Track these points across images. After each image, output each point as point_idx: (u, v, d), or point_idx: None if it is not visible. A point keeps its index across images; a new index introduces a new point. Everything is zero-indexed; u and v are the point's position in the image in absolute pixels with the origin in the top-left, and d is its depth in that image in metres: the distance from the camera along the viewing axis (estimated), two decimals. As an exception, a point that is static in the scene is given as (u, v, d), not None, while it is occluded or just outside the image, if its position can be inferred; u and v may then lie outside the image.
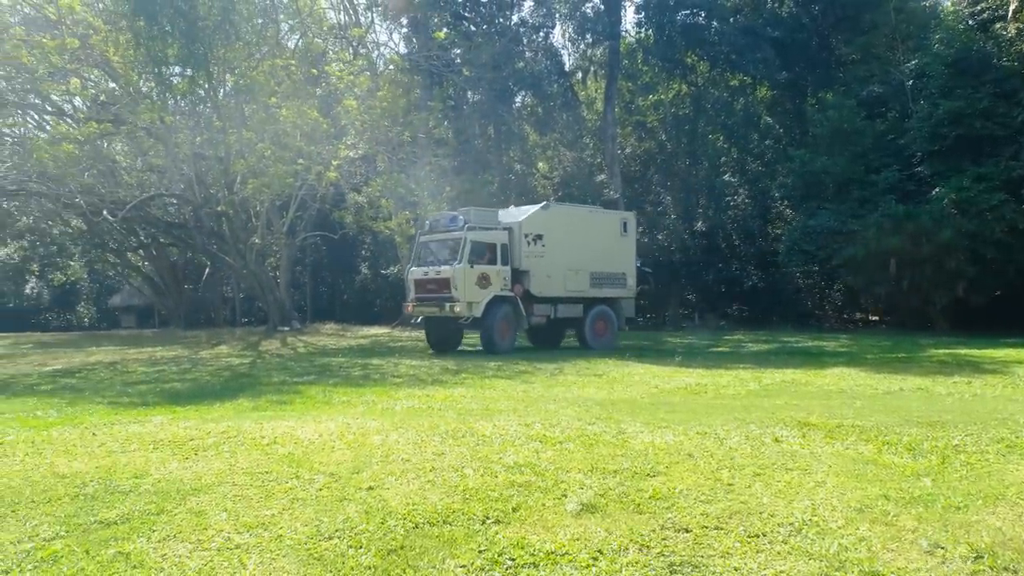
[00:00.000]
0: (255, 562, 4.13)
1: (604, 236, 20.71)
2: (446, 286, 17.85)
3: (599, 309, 20.47)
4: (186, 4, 19.54)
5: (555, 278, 19.40)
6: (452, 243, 18.18)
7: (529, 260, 18.91)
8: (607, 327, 20.75)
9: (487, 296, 18.00)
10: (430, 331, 19.68)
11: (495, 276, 18.22)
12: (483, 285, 17.95)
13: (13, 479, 5.57)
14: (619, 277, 20.89)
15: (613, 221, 21.44)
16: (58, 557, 4.14)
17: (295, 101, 21.84)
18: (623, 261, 21.07)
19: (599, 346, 20.14)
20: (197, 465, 6.04)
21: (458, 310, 17.68)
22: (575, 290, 19.87)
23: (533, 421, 7.97)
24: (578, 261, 19.82)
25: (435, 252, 18.75)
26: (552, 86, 33.26)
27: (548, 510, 4.97)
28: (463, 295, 17.66)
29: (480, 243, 18.04)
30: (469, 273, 17.78)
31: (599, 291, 20.37)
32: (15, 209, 33.17)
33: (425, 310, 18.62)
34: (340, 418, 8.33)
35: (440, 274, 18.10)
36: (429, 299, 18.32)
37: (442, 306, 17.90)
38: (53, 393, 12.61)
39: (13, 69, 21.33)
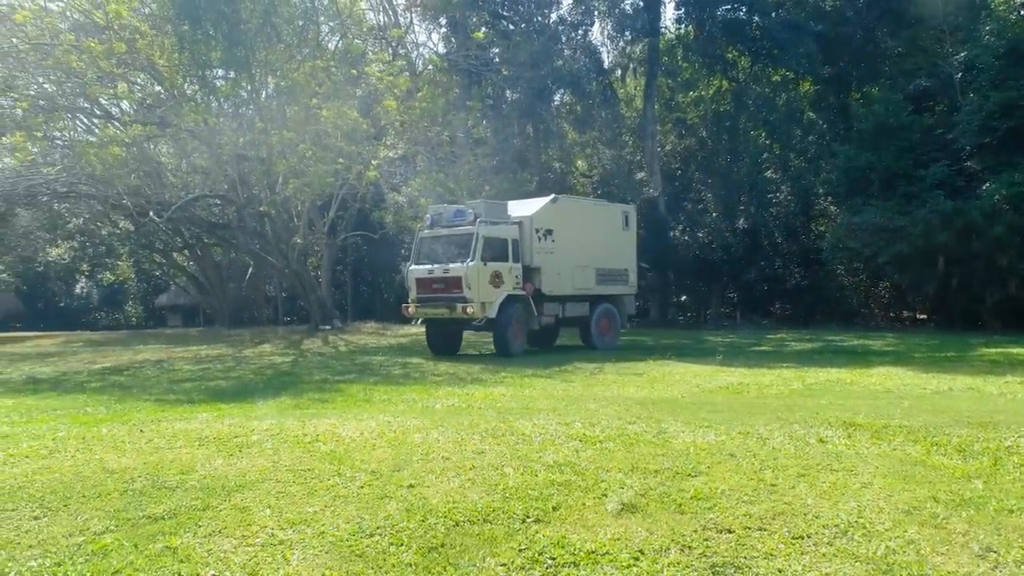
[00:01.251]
0: (298, 558, 4.17)
1: (607, 230, 20.00)
2: (457, 285, 16.64)
3: (604, 307, 19.76)
4: (229, 8, 19.84)
5: (564, 275, 18.52)
6: (460, 239, 16.99)
7: (540, 256, 17.95)
8: (611, 326, 20.09)
9: (500, 296, 16.89)
10: (431, 334, 18.66)
11: (507, 274, 17.14)
12: (496, 284, 16.87)
13: (65, 474, 5.71)
14: (622, 273, 20.22)
15: (615, 214, 20.65)
16: (108, 551, 4.23)
17: (335, 102, 22.05)
18: (625, 256, 20.43)
19: (604, 346, 19.50)
20: (241, 462, 6.13)
21: (471, 311, 16.44)
22: (582, 287, 19.08)
23: (573, 420, 7.95)
24: (585, 257, 19.00)
25: (440, 249, 17.49)
26: (591, 84, 33.11)
27: (588, 509, 4.95)
28: (476, 295, 16.50)
29: (492, 239, 16.97)
30: (482, 271, 16.63)
31: (604, 288, 19.61)
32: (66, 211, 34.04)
33: (430, 312, 17.41)
34: (381, 416, 8.40)
35: (449, 272, 16.87)
36: (436, 300, 17.12)
37: (453, 307, 16.67)
38: (102, 390, 12.90)
39: (63, 74, 21.87)
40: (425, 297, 17.37)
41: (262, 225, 28.04)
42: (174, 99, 23.38)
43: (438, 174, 23.91)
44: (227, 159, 24.93)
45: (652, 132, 33.11)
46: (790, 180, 34.31)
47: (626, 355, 17.83)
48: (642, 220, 33.02)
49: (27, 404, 10.90)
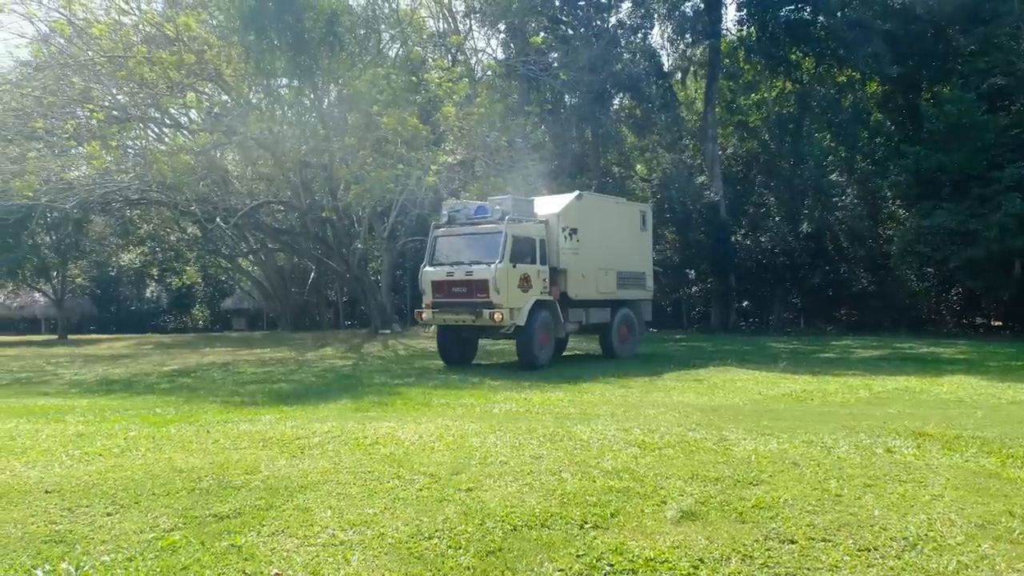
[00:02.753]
0: (359, 559, 4.22)
1: (627, 230, 18.69)
2: (482, 290, 15.13)
3: (623, 313, 18.41)
4: (293, 18, 20.28)
5: (588, 278, 17.12)
6: (484, 238, 15.53)
7: (566, 257, 16.52)
8: (630, 333, 18.78)
9: (529, 301, 15.40)
10: (445, 342, 17.03)
11: (535, 277, 15.67)
12: (525, 288, 15.38)
13: (136, 472, 5.89)
14: (640, 277, 18.94)
15: (634, 214, 19.31)
16: (176, 547, 4.34)
17: (396, 109, 22.34)
18: (643, 259, 19.23)
19: (624, 354, 18.33)
20: (303, 463, 6.23)
21: (498, 318, 14.92)
22: (605, 291, 17.69)
23: (632, 426, 7.89)
24: (608, 258, 17.70)
25: (460, 248, 15.97)
26: (651, 87, 32.82)
27: (647, 516, 4.90)
28: (505, 300, 14.98)
29: (520, 238, 15.50)
30: (512, 274, 15.12)
31: (624, 292, 18.27)
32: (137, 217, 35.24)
33: (451, 318, 15.81)
34: (439, 420, 8.45)
35: (473, 275, 15.32)
36: (457, 305, 15.55)
37: (478, 313, 15.14)
38: (171, 392, 13.29)
39: (136, 85, 22.64)
40: (444, 302, 15.82)
41: (324, 231, 28.55)
42: (240, 108, 23.98)
43: (496, 179, 24.01)
44: (290, 166, 25.48)
45: (713, 135, 32.68)
46: (856, 183, 33.46)
47: (686, 361, 17.61)
48: (703, 225, 32.74)
49: (100, 404, 11.29)
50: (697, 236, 33.28)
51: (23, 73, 25.33)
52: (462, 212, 16.34)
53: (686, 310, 36.71)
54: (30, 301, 44.94)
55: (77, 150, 23.34)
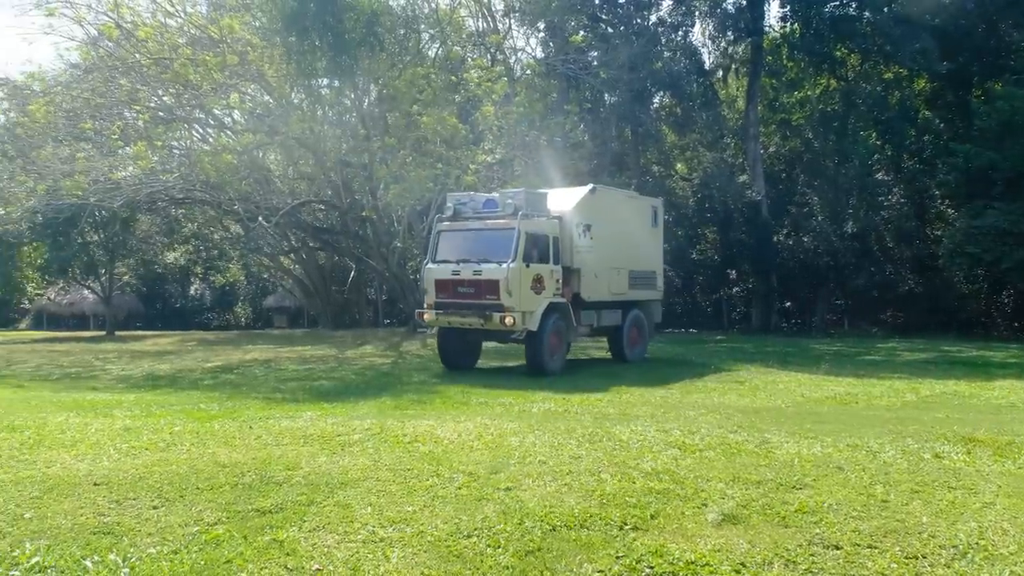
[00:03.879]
0: (398, 556, 4.24)
1: (639, 227, 17.57)
2: (492, 291, 13.99)
3: (634, 314, 17.28)
4: (334, 19, 20.45)
5: (601, 278, 16.01)
6: (494, 234, 14.39)
7: (580, 256, 15.38)
8: (640, 335, 17.68)
9: (542, 303, 14.29)
10: (446, 344, 15.87)
11: (549, 278, 14.57)
12: (537, 290, 14.28)
13: (180, 467, 5.99)
14: (651, 276, 17.83)
15: (645, 209, 18.16)
16: (220, 541, 4.41)
17: (435, 108, 22.43)
18: (654, 257, 18.13)
19: (635, 358, 17.26)
20: (344, 460, 6.29)
21: (510, 322, 13.78)
22: (617, 292, 16.60)
23: (671, 427, 7.83)
24: (620, 257, 16.60)
25: (467, 245, 14.82)
26: (691, 85, 32.52)
27: (687, 519, 4.86)
28: (517, 302, 13.87)
29: (534, 236, 14.36)
30: (525, 275, 14.02)
31: (635, 293, 17.21)
32: (182, 216, 35.88)
33: (456, 321, 14.67)
34: (478, 418, 8.47)
35: (482, 275, 14.21)
36: (463, 307, 14.43)
37: (488, 317, 13.97)
38: (214, 388, 13.51)
39: (181, 87, 23.03)
40: (448, 303, 14.67)
41: (364, 230, 28.78)
42: (282, 108, 24.27)
43: (536, 178, 24.00)
44: (331, 165, 25.73)
45: (755, 134, 32.27)
46: (903, 182, 32.79)
47: (726, 362, 17.41)
48: (744, 224, 32.36)
49: (147, 400, 11.51)
50: (738, 236, 32.90)
51: (73, 75, 25.91)
52: (469, 205, 15.13)
53: (726, 310, 36.31)
54: (79, 298, 45.98)
55: (124, 150, 23.80)
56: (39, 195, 22.28)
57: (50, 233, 31.84)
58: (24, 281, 41.10)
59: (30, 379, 15.72)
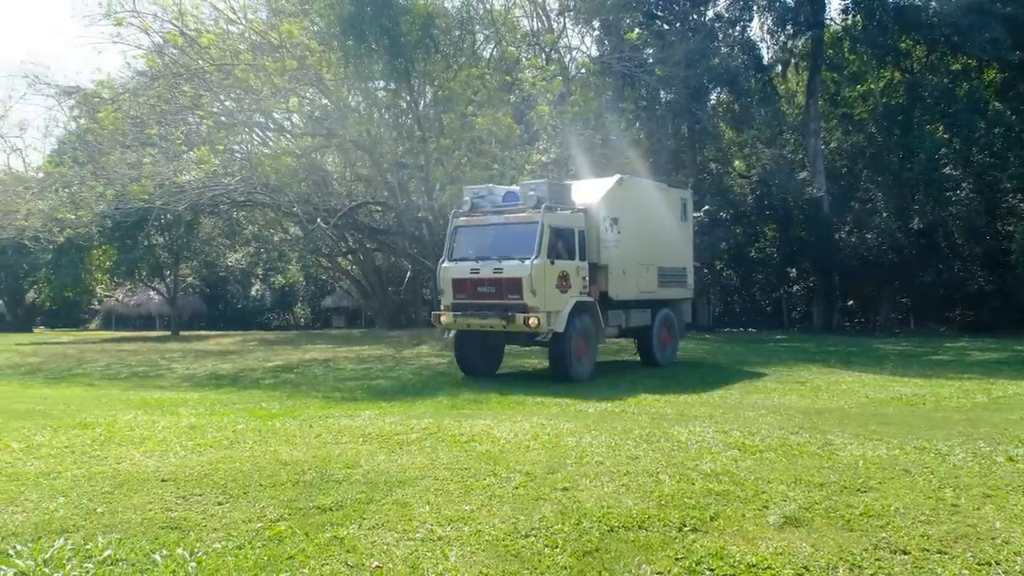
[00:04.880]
0: (456, 555, 4.26)
1: (668, 220, 16.51)
2: (515, 290, 12.92)
3: (664, 314, 16.18)
4: (390, 22, 20.68)
5: (630, 275, 14.92)
6: (515, 229, 13.33)
7: (607, 251, 14.33)
8: (670, 337, 16.59)
9: (568, 303, 13.22)
10: (464, 348, 14.73)
11: (575, 275, 13.51)
12: (563, 288, 13.22)
13: (244, 464, 6.12)
14: (681, 273, 16.78)
15: (674, 201, 17.01)
16: (282, 537, 4.49)
17: (490, 109, 22.51)
18: (683, 252, 17.07)
19: (666, 361, 16.24)
20: (402, 459, 6.35)
21: (534, 323, 12.71)
22: (646, 290, 15.50)
23: (731, 428, 7.72)
24: (649, 252, 15.53)
25: (486, 241, 13.78)
26: (749, 81, 31.98)
27: (748, 521, 4.78)
28: (542, 302, 12.80)
29: (559, 230, 13.35)
30: (550, 272, 12.98)
31: (665, 292, 16.12)
32: (243, 218, 36.69)
33: (475, 323, 13.53)
34: (534, 418, 8.47)
35: (503, 273, 13.11)
36: (483, 308, 13.34)
37: (510, 318, 12.89)
38: (275, 387, 13.78)
39: (242, 92, 23.56)
40: (467, 304, 13.59)
41: (420, 230, 29.02)
42: (339, 111, 24.63)
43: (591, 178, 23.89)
44: (388, 167, 26.01)
45: (815, 129, 31.59)
46: (972, 176, 31.70)
47: (787, 362, 17.08)
48: (805, 221, 31.70)
49: (210, 398, 11.81)
50: (798, 233, 32.24)
51: (139, 83, 26.70)
52: (488, 198, 14.15)
53: (786, 309, 35.63)
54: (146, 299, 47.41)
55: (188, 155, 24.44)
56: (108, 199, 23.04)
57: (118, 236, 32.89)
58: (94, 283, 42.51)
59: (100, 378, 16.27)
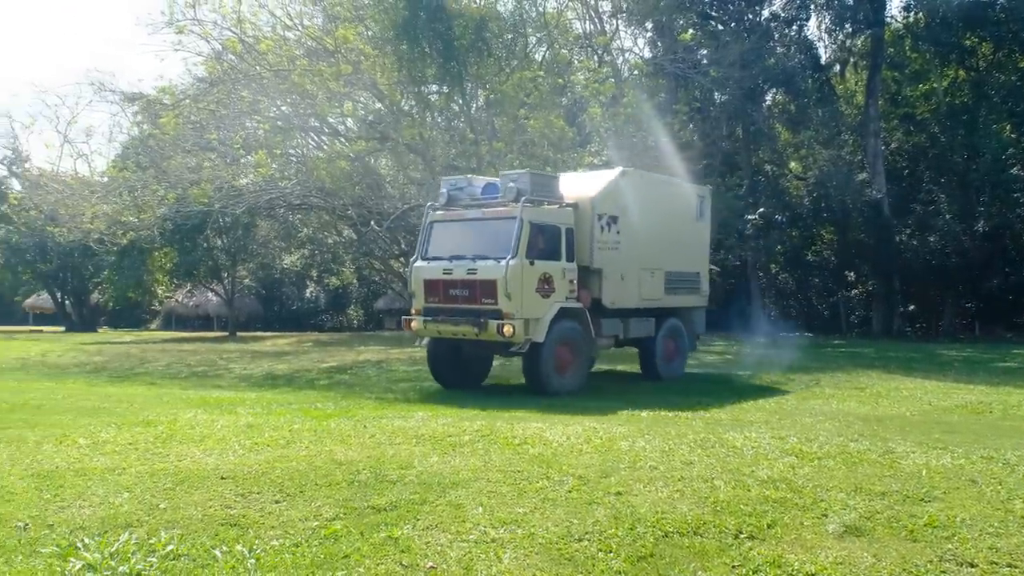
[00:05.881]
0: (510, 557, 4.26)
1: (679, 219, 14.86)
2: (489, 294, 11.54)
3: (671, 324, 14.63)
4: (443, 26, 20.83)
5: (629, 280, 13.39)
6: (493, 225, 12.00)
7: (602, 253, 12.75)
8: (677, 349, 15.01)
9: (551, 309, 11.77)
10: (440, 358, 13.26)
11: (560, 278, 12.00)
12: (545, 292, 11.77)
13: (300, 463, 6.21)
14: (693, 279, 15.18)
15: (688, 198, 15.40)
16: (338, 536, 4.54)
17: (542, 111, 22.49)
18: (698, 256, 15.44)
19: (670, 374, 14.64)
20: (455, 460, 6.37)
21: (508, 332, 11.31)
22: (650, 298, 13.94)
23: (788, 434, 7.58)
24: (654, 256, 13.95)
25: (463, 238, 12.37)
26: (806, 81, 31.43)
27: (806, 529, 4.69)
28: (518, 308, 11.38)
29: (540, 226, 11.86)
30: (528, 273, 11.52)
31: (672, 299, 14.52)
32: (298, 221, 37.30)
33: (446, 330, 12.16)
34: (587, 422, 8.43)
35: (477, 274, 11.76)
36: (455, 313, 11.99)
37: (482, 325, 11.52)
38: (329, 387, 13.98)
39: (298, 97, 23.96)
40: (438, 308, 12.25)
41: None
42: (393, 115, 24.88)
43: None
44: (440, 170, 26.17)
45: (875, 130, 30.87)
46: (1042, 177, 30.66)
47: (845, 367, 16.71)
48: (863, 224, 31.00)
49: (267, 398, 12.03)
50: (857, 236, 31.55)
51: (199, 89, 27.33)
52: (466, 190, 12.84)
53: (844, 314, 34.88)
54: (204, 300, 48.50)
55: (246, 159, 24.93)
56: (169, 203, 23.65)
57: (179, 239, 33.73)
58: (155, 284, 43.64)
59: (161, 377, 16.70)
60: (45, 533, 4.52)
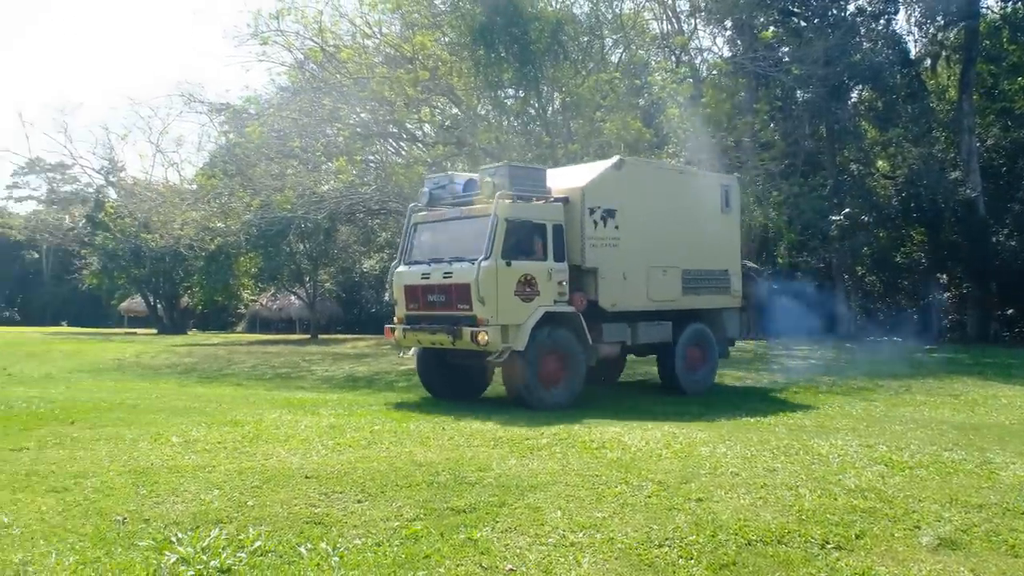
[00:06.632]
0: (589, 561, 4.23)
1: (699, 212, 13.38)
2: (465, 298, 10.67)
3: (694, 329, 13.17)
4: (520, 31, 20.91)
5: (634, 280, 12.15)
6: (470, 224, 11.16)
7: (596, 251, 11.63)
8: (704, 357, 13.50)
9: (534, 314, 10.76)
10: (428, 367, 12.41)
11: (544, 280, 10.98)
12: (527, 295, 10.79)
13: (381, 464, 6.32)
14: (720, 277, 13.65)
15: (711, 189, 13.85)
16: (418, 537, 4.59)
17: (619, 113, 22.34)
18: (724, 251, 13.85)
19: (693, 387, 13.10)
20: (533, 463, 6.38)
21: (484, 339, 10.33)
22: (662, 299, 12.64)
23: (876, 442, 7.33)
24: (666, 252, 12.67)
25: (443, 240, 11.64)
26: (895, 77, 30.33)
27: (898, 541, 4.52)
28: (494, 313, 10.48)
29: (520, 223, 10.92)
30: (505, 275, 10.59)
31: (693, 300, 13.14)
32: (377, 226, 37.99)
33: (426, 338, 11.33)
34: (665, 427, 8.33)
35: (452, 278, 10.97)
36: (434, 320, 11.20)
37: (457, 333, 10.61)
38: (408, 389, 14.18)
39: (377, 103, 24.41)
40: (419, 315, 11.54)
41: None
42: (469, 119, 25.09)
43: (723, 181, 23.31)
44: (517, 174, 26.25)
45: (969, 126, 29.55)
46: None
47: (937, 373, 16.03)
48: (957, 224, 29.71)
49: (348, 399, 12.28)
50: (950, 236, 30.26)
51: (282, 98, 28.12)
52: (448, 188, 11.95)
53: (936, 318, 33.50)
54: (287, 303, 49.80)
55: (327, 166, 25.51)
56: (254, 209, 24.38)
57: (263, 244, 34.74)
58: (240, 288, 45.06)
59: (247, 378, 17.23)
60: (142, 527, 4.71)
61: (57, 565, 4.11)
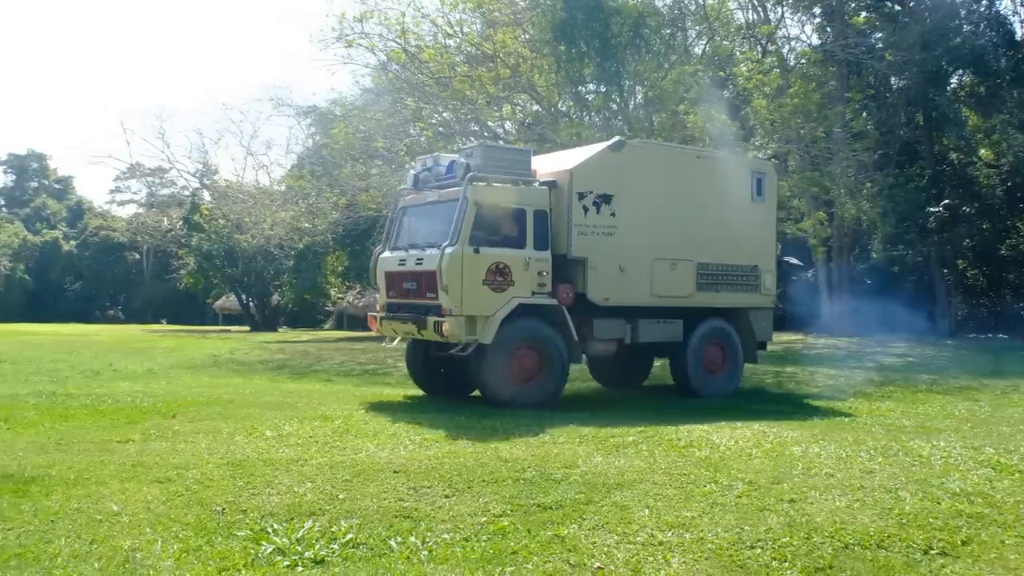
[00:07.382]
0: (679, 561, 4.17)
1: (722, 201, 12.01)
2: (433, 287, 10.16)
3: (712, 327, 12.14)
4: (601, 25, 20.77)
5: (634, 272, 11.17)
6: (445, 208, 10.48)
7: (585, 240, 10.76)
8: (726, 358, 12.38)
9: (505, 306, 10.07)
10: (415, 359, 11.83)
11: (520, 269, 10.24)
12: (497, 285, 10.10)
13: (467, 459, 6.36)
14: (747, 273, 12.39)
15: (739, 175, 12.53)
16: (506, 532, 4.61)
17: (703, 106, 21.94)
18: (755, 245, 12.58)
19: (712, 391, 12.02)
20: (619, 461, 6.32)
21: (448, 330, 9.79)
22: (670, 294, 11.61)
23: (982, 444, 6.98)
24: (676, 244, 11.63)
25: (422, 225, 11.21)
26: (998, 61, 28.82)
27: (1008, 548, 4.30)
28: (457, 302, 9.87)
29: (493, 208, 10.23)
30: (472, 263, 9.95)
31: (711, 296, 12.06)
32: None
33: (398, 328, 10.95)
34: (755, 425, 8.15)
35: (422, 264, 10.49)
36: (406, 308, 10.85)
37: (421, 323, 10.20)
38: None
39: (459, 102, 24.63)
40: (397, 303, 11.17)
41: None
42: (551, 116, 25.06)
43: (813, 173, 22.62)
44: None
45: (1084, 109, 27.90)
46: None
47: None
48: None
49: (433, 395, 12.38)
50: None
51: (366, 99, 28.69)
52: (433, 171, 11.21)
53: (1046, 313, 31.73)
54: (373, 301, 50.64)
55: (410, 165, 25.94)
56: (340, 208, 24.95)
57: (349, 243, 35.51)
58: (328, 286, 46.17)
59: (336, 374, 17.62)
60: (239, 517, 4.87)
61: (163, 552, 4.28)
